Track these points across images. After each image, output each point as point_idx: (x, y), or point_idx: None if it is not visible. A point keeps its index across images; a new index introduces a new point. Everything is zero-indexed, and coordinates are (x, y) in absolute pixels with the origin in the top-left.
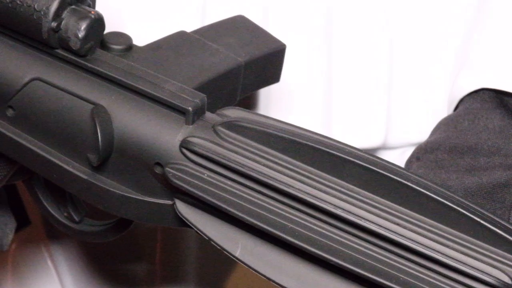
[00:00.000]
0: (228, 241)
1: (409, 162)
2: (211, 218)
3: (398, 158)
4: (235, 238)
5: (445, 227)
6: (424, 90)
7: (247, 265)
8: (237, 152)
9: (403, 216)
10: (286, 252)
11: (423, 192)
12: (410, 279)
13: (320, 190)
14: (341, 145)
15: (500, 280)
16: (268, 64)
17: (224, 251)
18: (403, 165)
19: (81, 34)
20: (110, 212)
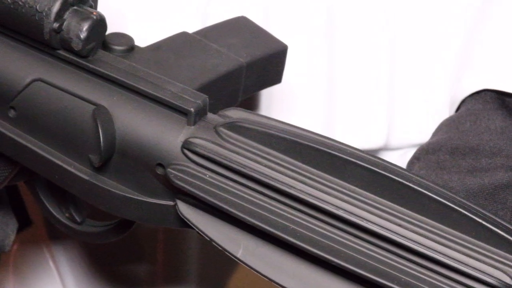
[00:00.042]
0: (230, 242)
1: (411, 163)
2: (213, 219)
3: (400, 159)
4: (237, 239)
5: (447, 228)
6: (426, 91)
7: (249, 266)
8: (239, 153)
9: (405, 217)
10: (288, 253)
11: (425, 193)
12: (412, 280)
13: (322, 191)
14: (343, 146)
15: (502, 281)
16: (270, 65)
17: (226, 252)
18: (405, 166)
19: (83, 35)
20: (112, 213)
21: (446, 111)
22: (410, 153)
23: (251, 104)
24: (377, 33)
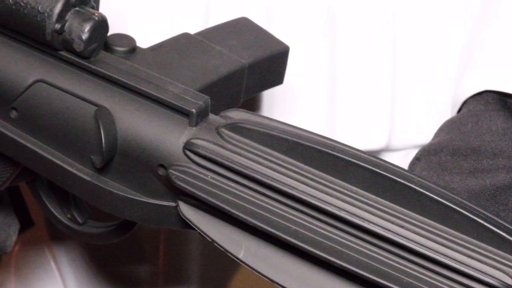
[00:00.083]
0: (232, 243)
1: (412, 164)
2: (215, 220)
3: (402, 160)
4: (239, 240)
5: (448, 229)
6: (428, 92)
7: (251, 267)
8: (241, 154)
9: (407, 218)
10: (290, 254)
11: (427, 194)
12: (414, 281)
13: (324, 192)
14: (345, 147)
15: (503, 282)
16: (272, 66)
17: (228, 253)
18: (407, 167)
19: (85, 36)
20: (113, 214)
21: (448, 112)
22: (412, 154)
23: (253, 105)
24: (379, 34)
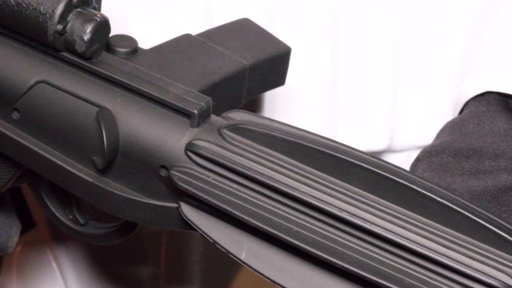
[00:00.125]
0: (233, 244)
1: (414, 165)
2: (216, 221)
3: (403, 161)
4: (240, 241)
5: (450, 230)
6: (429, 93)
7: (252, 268)
8: (242, 155)
9: (408, 219)
10: (291, 255)
11: (428, 195)
12: (415, 282)
13: (326, 193)
14: (347, 148)
15: (505, 283)
16: (273, 67)
17: (229, 254)
18: (408, 168)
19: (87, 37)
20: (115, 215)
21: (449, 113)
22: (414, 155)
23: (255, 106)
24: (379, 34)
